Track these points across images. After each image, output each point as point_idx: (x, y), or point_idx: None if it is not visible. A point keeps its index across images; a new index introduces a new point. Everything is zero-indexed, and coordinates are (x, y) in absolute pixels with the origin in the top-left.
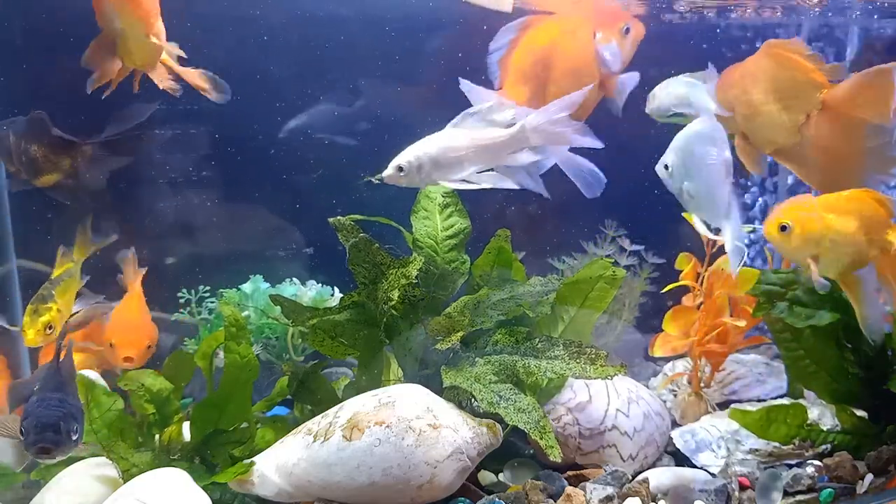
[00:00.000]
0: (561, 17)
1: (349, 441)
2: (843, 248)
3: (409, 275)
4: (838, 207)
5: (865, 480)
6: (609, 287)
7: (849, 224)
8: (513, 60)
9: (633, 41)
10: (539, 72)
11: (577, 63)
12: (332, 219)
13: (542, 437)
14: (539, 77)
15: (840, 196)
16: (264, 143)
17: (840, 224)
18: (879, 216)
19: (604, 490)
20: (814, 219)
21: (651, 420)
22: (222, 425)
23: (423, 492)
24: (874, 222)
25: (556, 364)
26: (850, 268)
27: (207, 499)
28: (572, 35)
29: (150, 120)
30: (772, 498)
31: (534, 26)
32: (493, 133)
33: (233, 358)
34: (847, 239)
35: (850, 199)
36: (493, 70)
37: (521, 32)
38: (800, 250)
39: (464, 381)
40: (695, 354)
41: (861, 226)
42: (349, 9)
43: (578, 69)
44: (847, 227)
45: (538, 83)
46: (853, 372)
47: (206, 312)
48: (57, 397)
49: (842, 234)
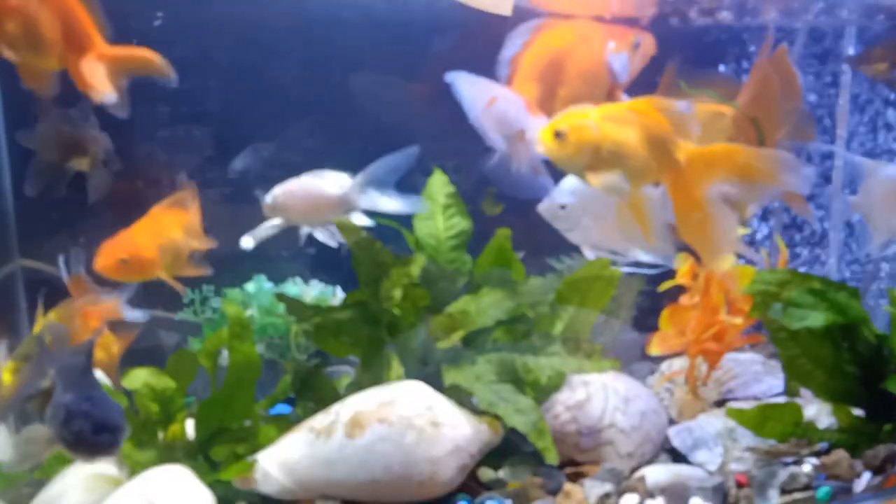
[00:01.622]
0: (576, 22)
1: (351, 438)
2: (623, 160)
3: (411, 274)
4: (619, 117)
5: (862, 479)
6: (607, 286)
7: (629, 135)
8: (525, 58)
9: (642, 56)
10: (551, 72)
11: (589, 68)
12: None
13: (539, 439)
14: (551, 77)
15: (622, 105)
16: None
17: (619, 134)
18: (664, 130)
19: (601, 487)
20: (590, 126)
21: (648, 418)
22: (226, 423)
23: (423, 488)
24: (659, 136)
25: (553, 360)
26: (634, 183)
27: (211, 496)
28: (587, 41)
29: (153, 120)
30: (768, 496)
31: (548, 29)
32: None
33: (236, 357)
34: (626, 151)
35: (632, 109)
36: (504, 67)
37: (536, 33)
38: (574, 159)
39: (464, 380)
40: (692, 353)
41: (643, 138)
42: (351, 12)
43: (591, 75)
44: (627, 137)
45: (549, 83)
46: (850, 371)
47: (210, 312)
48: (103, 395)
49: (620, 146)
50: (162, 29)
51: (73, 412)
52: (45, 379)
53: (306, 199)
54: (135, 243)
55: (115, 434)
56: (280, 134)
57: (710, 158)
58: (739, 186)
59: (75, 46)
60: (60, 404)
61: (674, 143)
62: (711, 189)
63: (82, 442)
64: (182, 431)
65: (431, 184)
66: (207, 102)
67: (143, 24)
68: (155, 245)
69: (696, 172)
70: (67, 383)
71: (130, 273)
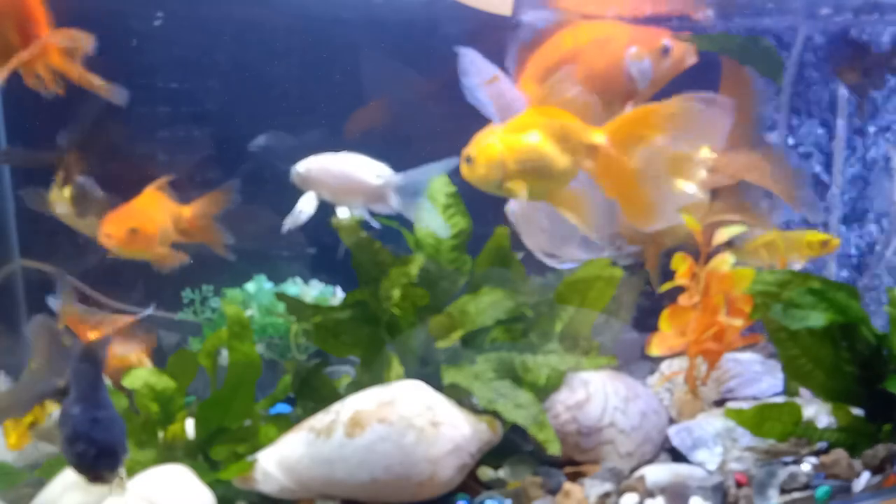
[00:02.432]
0: (598, 23)
1: (351, 438)
2: (534, 166)
3: (410, 273)
4: (522, 125)
5: (861, 478)
6: (607, 287)
7: (534, 141)
8: (534, 57)
9: (673, 63)
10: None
11: (601, 72)
12: (334, 219)
13: (540, 432)
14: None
15: (523, 114)
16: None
17: (523, 142)
18: (569, 122)
19: (601, 486)
20: (493, 143)
21: (648, 418)
22: (226, 423)
23: (423, 488)
24: (566, 129)
25: (551, 358)
26: (554, 184)
27: (211, 495)
28: (603, 43)
29: (153, 120)
30: (768, 495)
31: (565, 27)
32: (362, 177)
33: (236, 356)
34: (534, 156)
35: (532, 113)
36: (512, 61)
37: (551, 30)
38: (488, 178)
39: (463, 378)
40: (691, 353)
41: (550, 137)
42: (350, 12)
43: (602, 78)
44: (532, 144)
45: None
46: (849, 370)
47: (210, 312)
48: (108, 416)
49: (527, 153)
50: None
51: (78, 433)
52: (61, 379)
53: (342, 178)
54: (144, 215)
55: (114, 458)
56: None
57: (630, 126)
58: (670, 140)
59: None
60: (68, 416)
61: (584, 130)
62: (643, 154)
63: (83, 465)
64: (182, 431)
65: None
66: (209, 102)
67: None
68: (161, 220)
69: (622, 144)
70: (79, 391)
71: (134, 245)
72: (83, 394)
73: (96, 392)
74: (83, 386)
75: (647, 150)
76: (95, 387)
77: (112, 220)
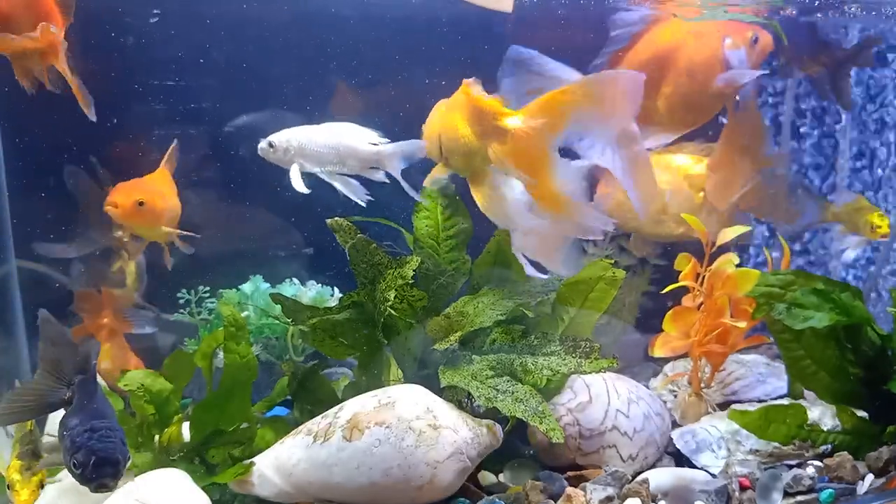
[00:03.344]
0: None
1: (349, 441)
2: (450, 142)
3: (404, 275)
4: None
5: (866, 481)
6: (609, 287)
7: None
8: (629, 56)
9: (760, 51)
10: (654, 70)
11: (698, 64)
12: (331, 220)
13: (541, 423)
14: (653, 75)
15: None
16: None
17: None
18: (487, 104)
19: (604, 490)
20: (430, 120)
21: (651, 420)
22: (222, 426)
23: (423, 492)
24: (481, 111)
25: (551, 360)
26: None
27: (207, 499)
28: (699, 36)
29: (150, 121)
30: (772, 498)
31: (660, 23)
32: (356, 145)
33: (232, 358)
34: (451, 132)
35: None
36: (602, 62)
37: (646, 27)
38: (431, 152)
39: (461, 379)
40: (695, 355)
41: (467, 117)
42: (351, 9)
43: (699, 71)
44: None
45: (651, 81)
46: (853, 372)
47: (206, 313)
48: (106, 425)
49: (447, 129)
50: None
51: (75, 444)
52: (68, 390)
53: (332, 146)
54: (154, 190)
55: (116, 468)
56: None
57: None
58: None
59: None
60: (68, 427)
61: (499, 114)
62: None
63: (84, 475)
64: (178, 434)
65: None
66: (204, 103)
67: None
68: (169, 197)
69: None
70: (81, 402)
71: (141, 219)
72: (80, 404)
73: (93, 401)
74: (80, 395)
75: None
76: (92, 395)
77: (120, 190)
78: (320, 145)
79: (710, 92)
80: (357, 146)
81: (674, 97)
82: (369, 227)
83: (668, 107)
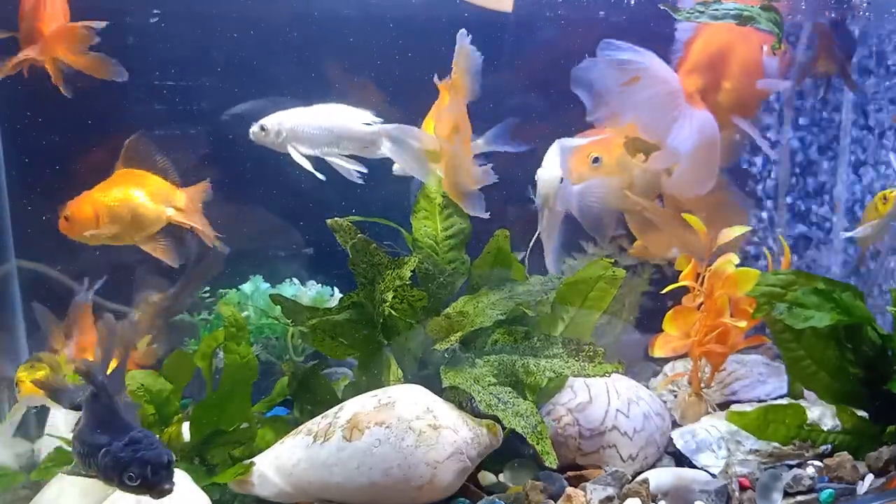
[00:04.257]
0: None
1: (349, 441)
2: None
3: (402, 276)
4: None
5: (866, 481)
6: (609, 287)
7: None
8: (695, 47)
9: (784, 63)
10: (716, 64)
11: (750, 65)
12: (330, 220)
13: (538, 443)
14: (715, 69)
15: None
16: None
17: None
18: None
19: (604, 490)
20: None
21: (651, 420)
22: (222, 426)
23: (423, 492)
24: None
25: (554, 362)
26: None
27: (207, 499)
28: (748, 37)
29: (150, 120)
30: (772, 498)
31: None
32: (350, 125)
33: (232, 358)
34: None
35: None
36: (678, 48)
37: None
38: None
39: (463, 381)
40: (695, 355)
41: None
42: (352, 9)
43: (751, 72)
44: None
45: (713, 75)
46: (853, 372)
47: (206, 313)
48: (144, 433)
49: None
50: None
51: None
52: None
53: (328, 128)
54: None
55: (170, 469)
56: None
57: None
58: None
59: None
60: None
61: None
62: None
63: (145, 485)
64: (178, 434)
65: (429, 183)
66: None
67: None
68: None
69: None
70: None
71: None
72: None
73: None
74: (99, 412)
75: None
76: (113, 410)
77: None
78: (314, 127)
79: (756, 93)
80: (351, 126)
81: (732, 92)
82: (371, 226)
83: (728, 101)
